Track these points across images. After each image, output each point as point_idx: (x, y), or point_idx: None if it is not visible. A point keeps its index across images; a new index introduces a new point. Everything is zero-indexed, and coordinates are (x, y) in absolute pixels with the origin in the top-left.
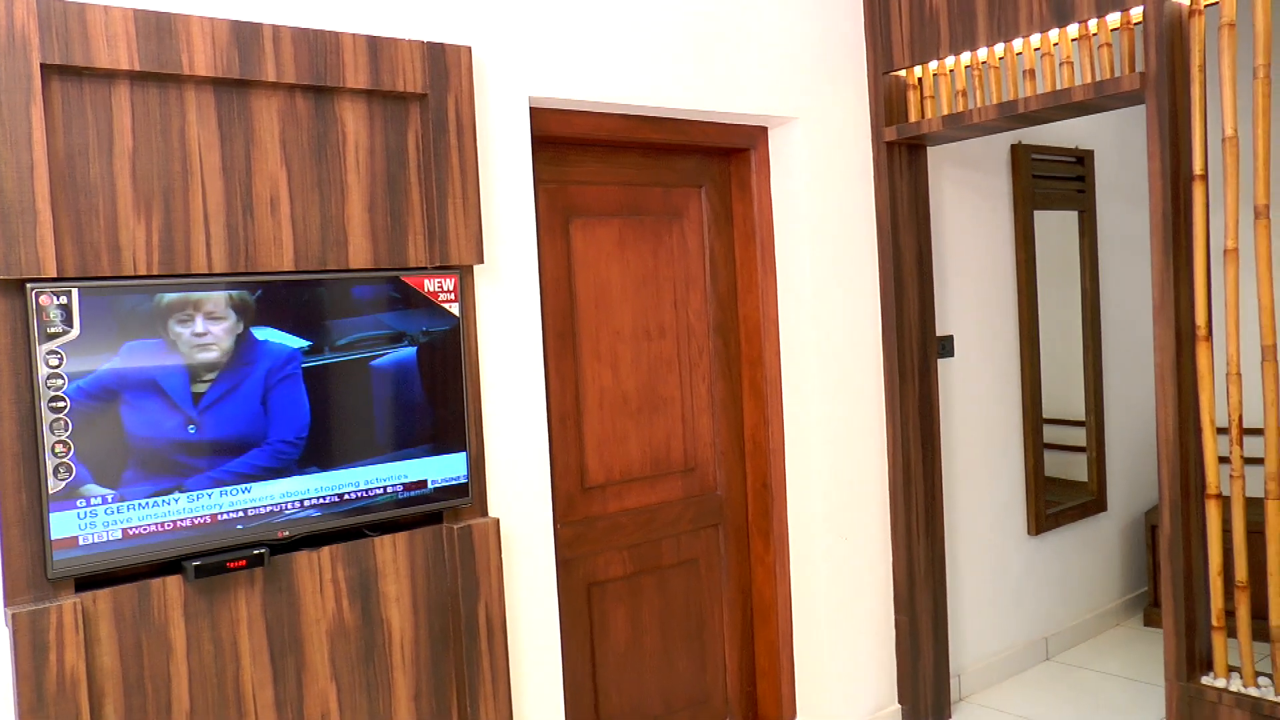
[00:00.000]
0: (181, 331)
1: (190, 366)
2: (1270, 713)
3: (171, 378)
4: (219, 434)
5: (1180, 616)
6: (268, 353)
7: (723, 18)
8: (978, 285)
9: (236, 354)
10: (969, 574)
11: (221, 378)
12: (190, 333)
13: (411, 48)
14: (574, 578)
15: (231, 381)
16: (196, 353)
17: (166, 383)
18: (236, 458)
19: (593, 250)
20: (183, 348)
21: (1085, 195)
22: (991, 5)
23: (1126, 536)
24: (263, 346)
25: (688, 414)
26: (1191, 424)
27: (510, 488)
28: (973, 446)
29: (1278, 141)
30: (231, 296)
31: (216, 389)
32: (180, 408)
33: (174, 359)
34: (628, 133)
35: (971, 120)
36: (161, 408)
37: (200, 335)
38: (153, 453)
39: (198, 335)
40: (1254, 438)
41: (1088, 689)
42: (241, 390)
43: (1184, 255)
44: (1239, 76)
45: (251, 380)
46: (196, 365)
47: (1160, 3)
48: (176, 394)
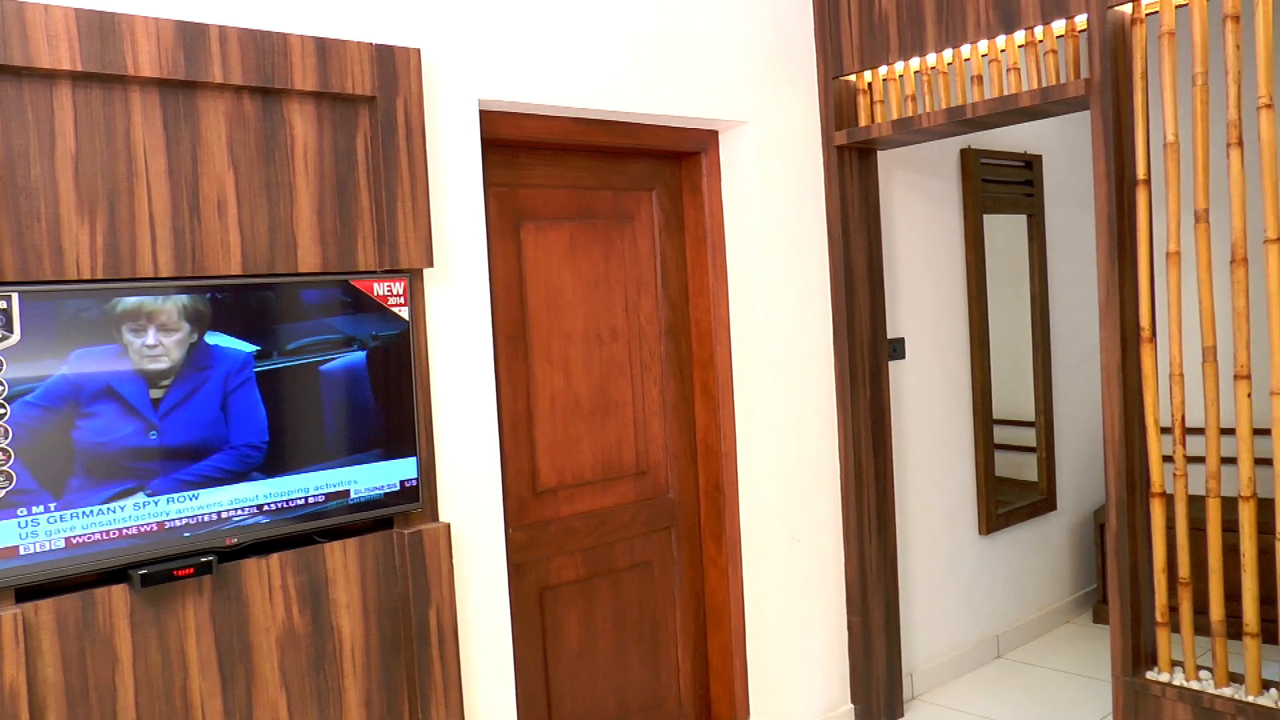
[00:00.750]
0: (133, 339)
1: (141, 373)
2: (1210, 705)
3: (123, 384)
4: (173, 440)
5: (1126, 613)
6: (222, 358)
7: (673, 22)
8: (928, 288)
9: (189, 361)
10: (921, 574)
11: (175, 384)
12: (142, 341)
13: (360, 50)
14: (526, 582)
15: (185, 388)
16: (148, 360)
17: (118, 389)
18: (191, 464)
19: (544, 253)
20: (134, 355)
21: (1034, 199)
22: (940, 11)
23: (1076, 535)
24: (216, 352)
25: (639, 417)
26: (1136, 424)
27: (461, 492)
28: (924, 447)
29: (1216, 147)
30: (184, 302)
31: (171, 396)
32: (134, 414)
33: (125, 365)
34: (578, 136)
35: (921, 125)
36: (112, 415)
37: (152, 346)
38: (99, 460)
39: (149, 346)
40: (1196, 436)
41: (1038, 686)
42: (197, 397)
43: (1128, 258)
44: (1179, 84)
45: (207, 387)
46: (148, 372)
47: (1104, 11)
48: (128, 401)
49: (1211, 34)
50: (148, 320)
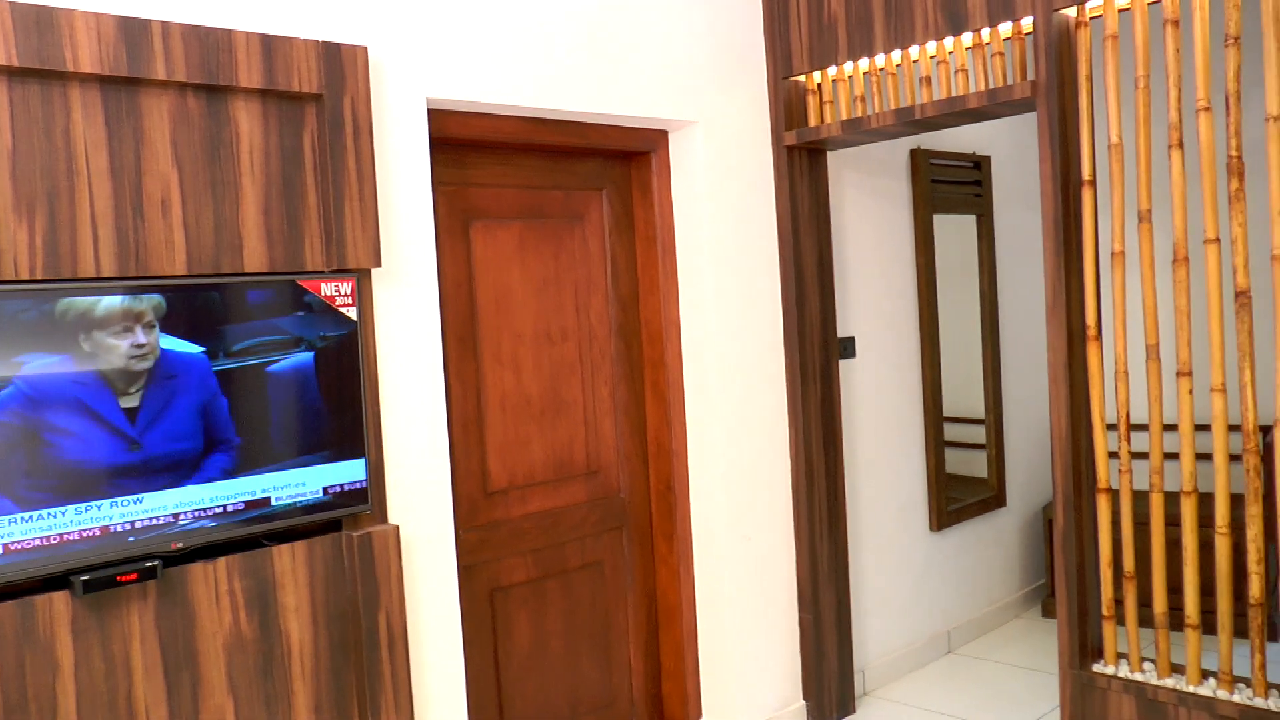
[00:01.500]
0: (82, 341)
1: (91, 374)
2: (1153, 696)
3: (69, 388)
4: (126, 444)
5: (1073, 607)
6: (175, 361)
7: (622, 22)
8: (879, 287)
9: (155, 365)
10: (872, 571)
11: (132, 387)
12: (93, 342)
13: (306, 47)
14: (477, 583)
15: (150, 392)
16: (96, 362)
17: (62, 393)
18: (147, 468)
19: (493, 253)
20: (80, 358)
21: (983, 199)
22: (888, 13)
23: (1026, 531)
24: (169, 355)
25: (590, 417)
26: (1083, 421)
27: (411, 494)
28: (875, 445)
29: (1159, 148)
30: (134, 302)
31: (126, 399)
32: (89, 418)
33: (68, 368)
34: (528, 135)
35: (870, 125)
36: (60, 419)
37: (109, 349)
38: (43, 466)
39: (101, 348)
40: (1140, 433)
41: (988, 680)
42: (151, 400)
43: (1074, 258)
44: (1122, 86)
45: (163, 391)
46: (101, 374)
47: (1049, 14)
48: (76, 405)
49: (1152, 38)
50: (96, 316)
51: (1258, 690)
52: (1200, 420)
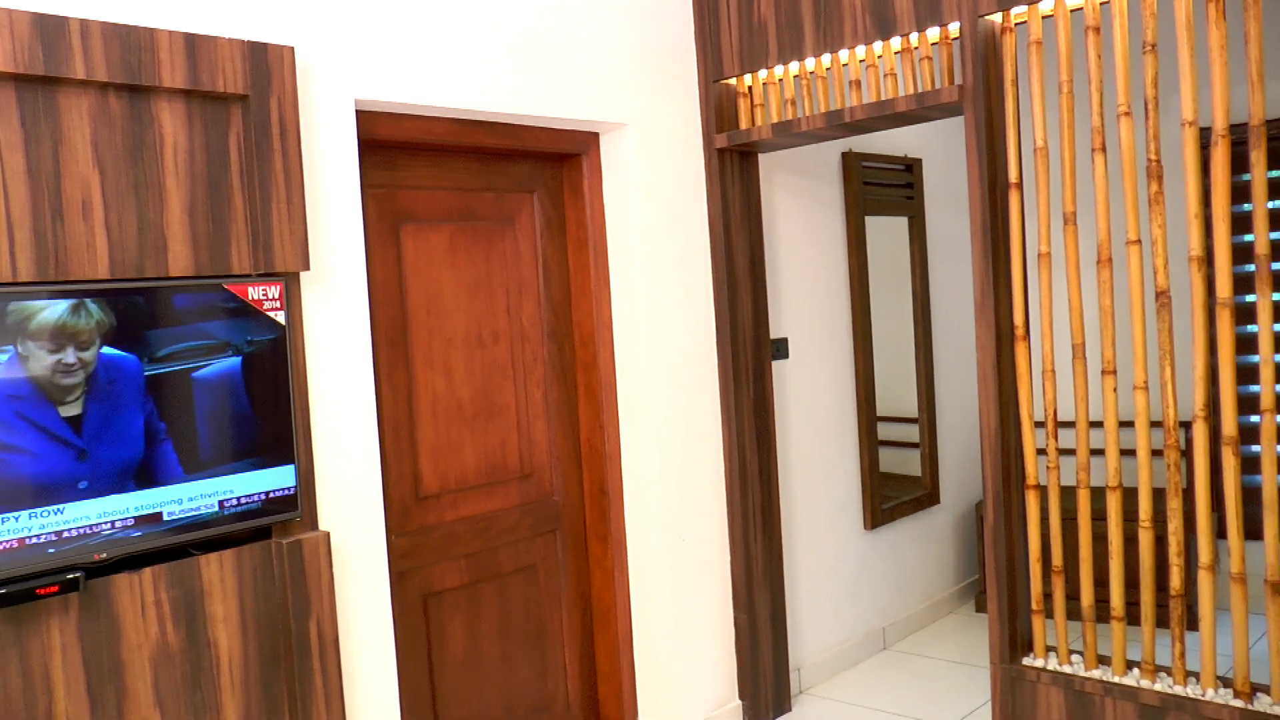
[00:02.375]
0: (9, 347)
1: (12, 383)
2: (1080, 687)
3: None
4: (41, 453)
5: (1003, 602)
6: (105, 367)
7: (553, 24)
8: (811, 289)
9: (93, 371)
10: (807, 570)
11: (64, 397)
12: (12, 352)
13: (231, 46)
14: (410, 589)
15: (78, 400)
16: (15, 370)
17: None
18: (63, 477)
19: (424, 256)
20: (3, 365)
21: (914, 202)
22: (818, 17)
23: (959, 527)
24: (100, 359)
25: (523, 420)
26: (1012, 419)
27: (341, 500)
28: (809, 445)
29: (1082, 152)
30: (72, 318)
31: (62, 406)
32: (14, 429)
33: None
34: (459, 137)
35: (800, 128)
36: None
37: (25, 357)
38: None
39: (23, 356)
40: (1067, 430)
41: (923, 675)
42: (78, 406)
43: (1002, 259)
44: (1047, 91)
45: (89, 398)
46: (27, 381)
47: (975, 20)
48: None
49: (1075, 44)
50: (20, 330)
51: (1178, 679)
52: (1124, 417)
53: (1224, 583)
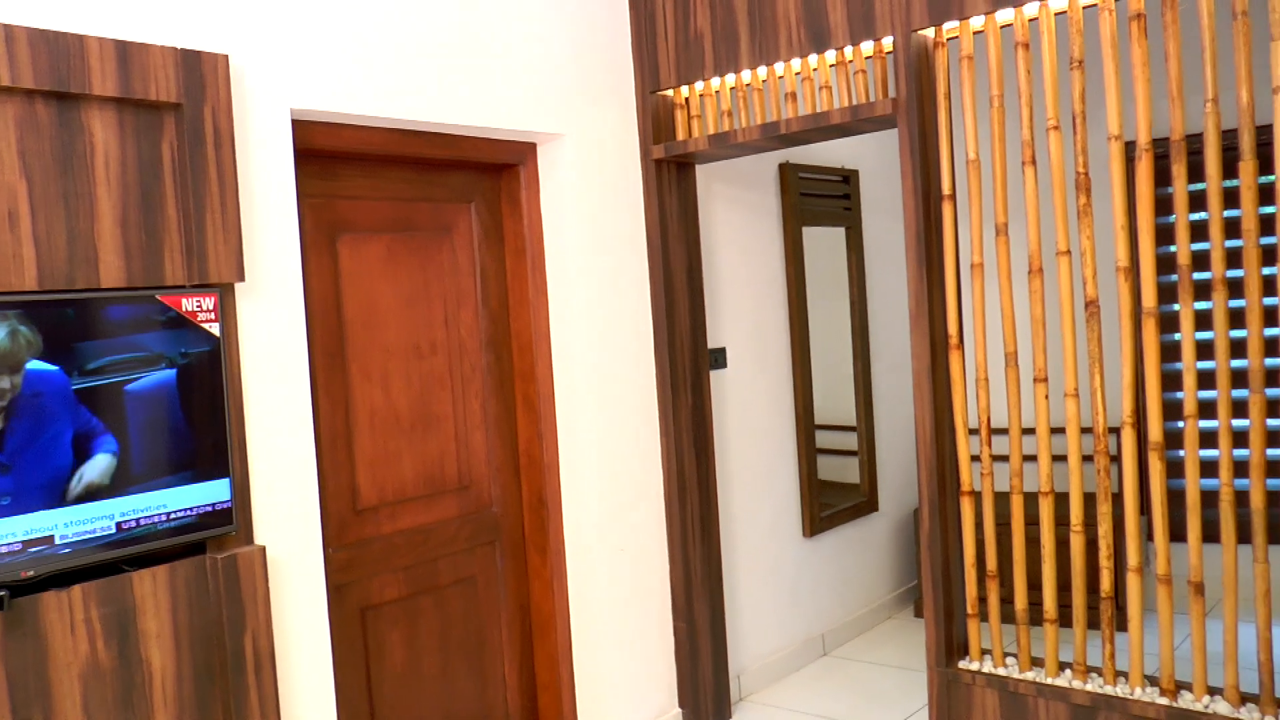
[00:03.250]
0: None
1: None
2: (1014, 689)
3: None
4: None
5: (939, 606)
6: (33, 381)
7: (490, 34)
8: (749, 298)
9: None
10: (746, 578)
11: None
12: None
13: (164, 54)
14: (348, 603)
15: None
16: None
17: None
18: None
19: (361, 267)
20: None
21: (852, 212)
22: (753, 30)
23: (897, 534)
24: (28, 375)
25: (461, 431)
26: (946, 426)
27: (278, 513)
28: (748, 454)
29: (1014, 164)
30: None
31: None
32: None
33: None
34: (396, 147)
35: (736, 140)
36: None
37: None
38: None
39: None
40: (1001, 436)
41: (862, 680)
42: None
43: (936, 269)
44: (979, 105)
45: (17, 413)
46: None
47: (908, 34)
48: None
49: (1005, 59)
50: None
51: (1108, 678)
52: (1055, 424)
53: (1152, 584)
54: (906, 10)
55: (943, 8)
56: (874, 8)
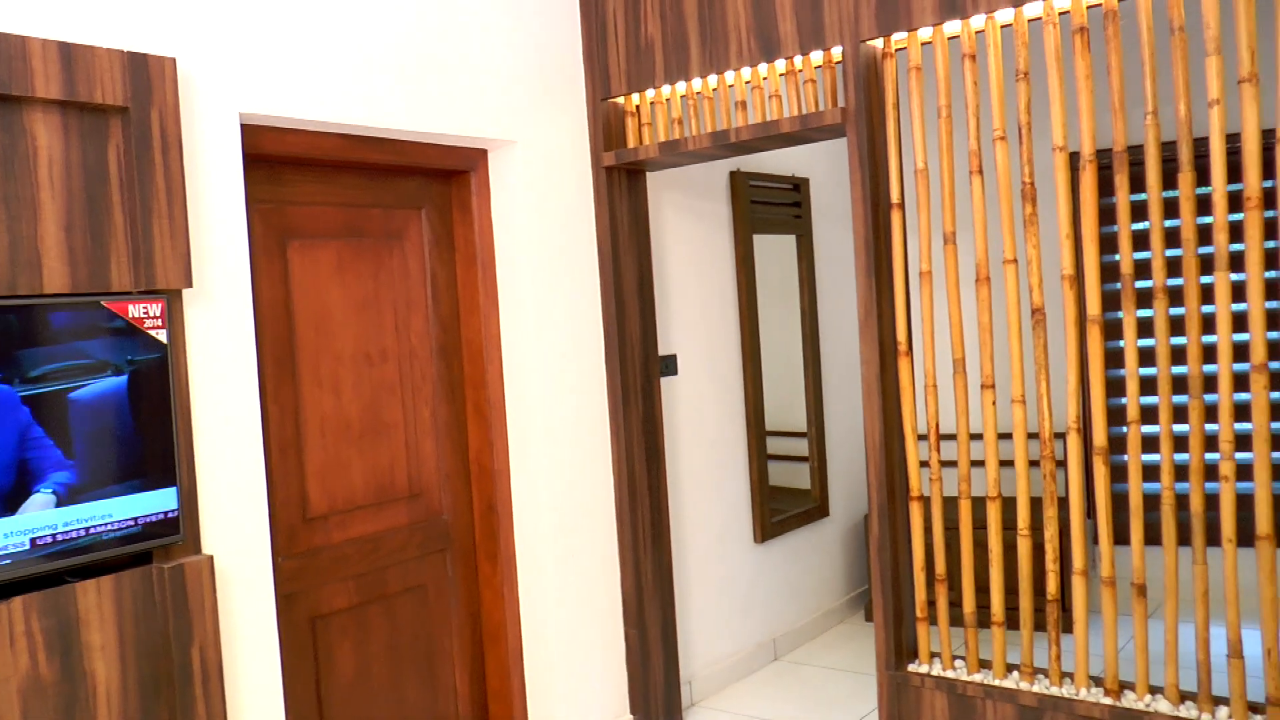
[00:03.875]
0: None
1: None
2: (963, 691)
3: None
4: None
5: (889, 610)
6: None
7: (441, 40)
8: (700, 306)
9: None
10: (698, 584)
11: None
12: None
13: (110, 57)
14: (297, 612)
15: None
16: None
17: None
18: None
19: (312, 273)
20: None
21: (802, 220)
22: (704, 38)
23: (848, 539)
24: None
25: (411, 439)
26: (896, 432)
27: (226, 522)
28: (699, 461)
29: (961, 174)
30: None
31: None
32: None
33: None
34: (346, 153)
35: (687, 147)
36: None
37: None
38: None
39: None
40: (949, 442)
41: (813, 684)
42: None
43: (885, 277)
44: (927, 115)
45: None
46: None
47: (857, 44)
48: None
49: (953, 70)
50: None
51: (1054, 679)
52: (1003, 429)
53: (1097, 587)
54: (855, 21)
55: (891, 19)
56: (823, 18)
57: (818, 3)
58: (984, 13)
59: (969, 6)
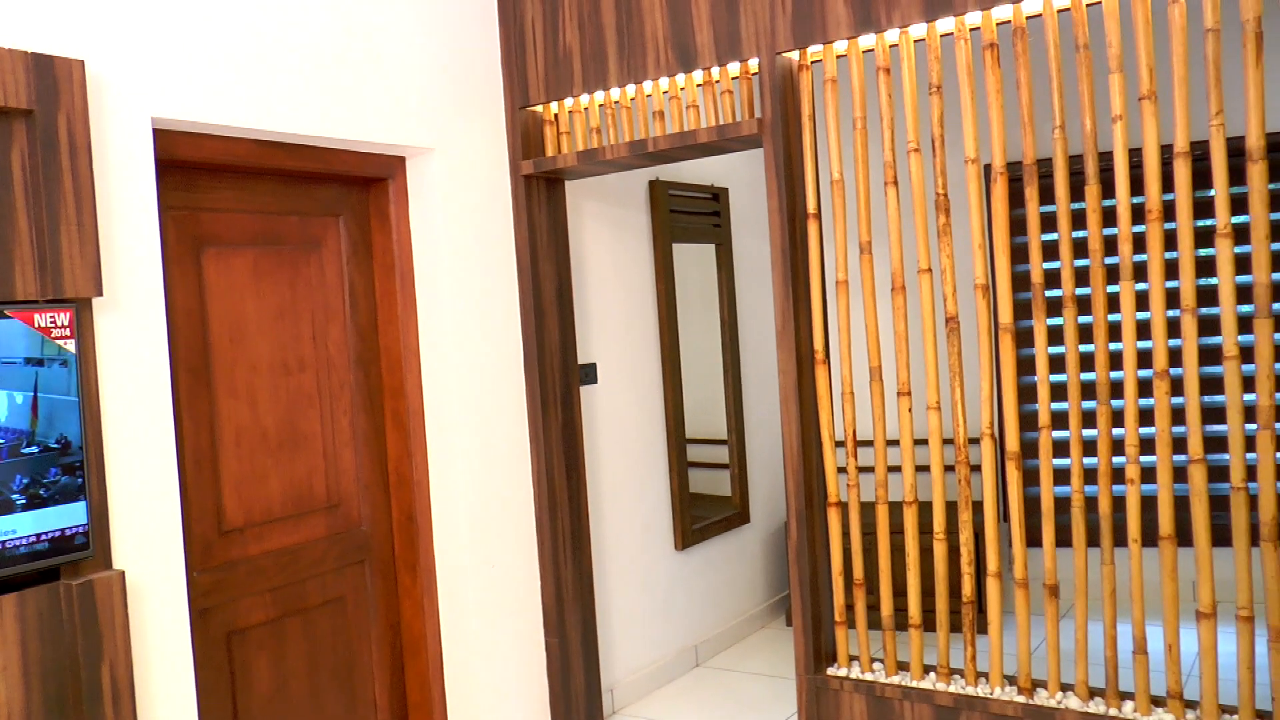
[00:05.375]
0: None
1: None
2: (881, 693)
3: None
4: None
5: (808, 615)
6: None
7: (359, 46)
8: (620, 314)
9: None
10: (619, 592)
11: None
12: None
13: (14, 58)
14: (212, 627)
15: None
16: None
17: None
18: None
19: (227, 281)
20: None
21: (722, 229)
22: (622, 48)
23: (769, 545)
24: None
25: (329, 449)
26: (813, 439)
27: (138, 537)
28: (619, 469)
29: (876, 185)
30: None
31: None
32: None
33: None
34: (263, 159)
35: (605, 156)
36: None
37: None
38: None
39: None
40: (866, 448)
41: (734, 690)
42: None
43: (802, 286)
44: (842, 126)
45: None
46: None
47: (773, 56)
48: None
49: (868, 83)
50: None
51: (969, 679)
52: (919, 435)
53: (1011, 588)
54: (771, 33)
55: (806, 32)
56: (740, 30)
57: (734, 15)
58: (898, 27)
59: (883, 20)
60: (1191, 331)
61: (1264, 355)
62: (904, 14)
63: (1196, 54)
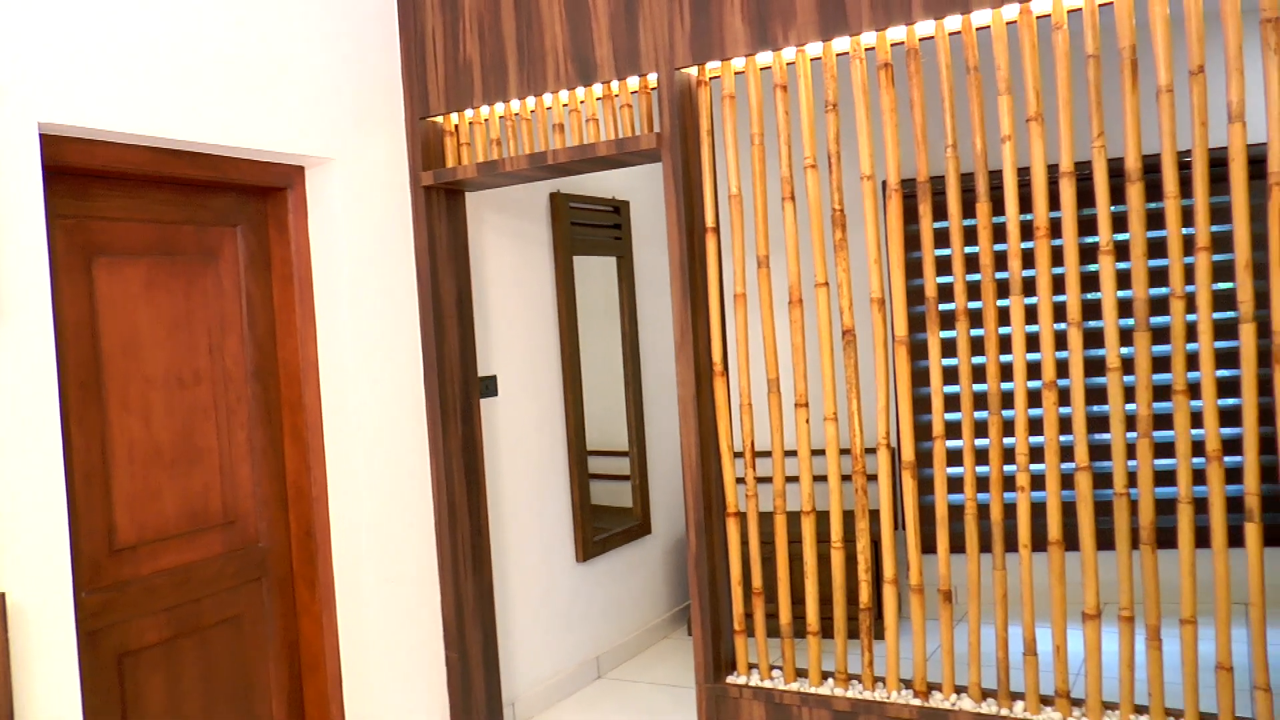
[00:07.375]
0: None
1: None
2: (780, 700)
3: None
4: None
5: (707, 624)
6: None
7: (256, 54)
8: (521, 327)
9: None
10: (520, 604)
11: None
12: None
13: None
14: (102, 649)
15: None
16: None
17: None
18: None
19: (120, 292)
20: None
21: (623, 242)
22: (522, 60)
23: (671, 556)
24: None
25: (226, 464)
26: (712, 450)
27: (21, 557)
28: (520, 481)
29: (774, 200)
30: None
31: None
32: None
33: None
34: (157, 167)
35: (505, 168)
36: None
37: None
38: None
39: None
40: (765, 459)
41: (636, 700)
42: None
43: (700, 299)
44: (740, 142)
45: None
46: None
47: (671, 72)
48: None
49: (766, 100)
50: None
51: (866, 684)
52: (816, 446)
53: (907, 594)
54: (670, 49)
55: (705, 48)
56: (639, 44)
57: (634, 29)
58: (794, 45)
59: (779, 39)
60: (1078, 344)
61: (1143, 367)
62: (800, 33)
63: (1080, 79)
